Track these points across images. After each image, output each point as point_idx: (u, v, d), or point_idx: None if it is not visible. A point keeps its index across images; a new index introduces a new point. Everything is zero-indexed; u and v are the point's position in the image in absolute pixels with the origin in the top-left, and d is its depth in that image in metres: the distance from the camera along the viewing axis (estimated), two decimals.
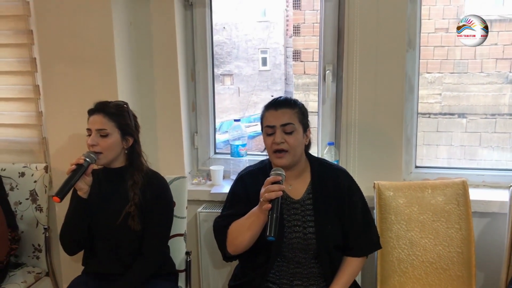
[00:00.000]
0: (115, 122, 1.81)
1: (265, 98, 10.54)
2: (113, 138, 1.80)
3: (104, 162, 1.82)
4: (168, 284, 1.94)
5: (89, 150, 1.78)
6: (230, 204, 1.77)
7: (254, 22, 10.98)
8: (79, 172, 1.70)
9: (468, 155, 4.38)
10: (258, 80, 11.27)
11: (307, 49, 7.77)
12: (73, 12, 2.11)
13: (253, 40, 11.06)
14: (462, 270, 1.94)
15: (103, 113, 1.80)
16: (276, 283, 1.72)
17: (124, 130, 1.83)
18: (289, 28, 11.52)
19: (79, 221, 1.81)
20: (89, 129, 1.81)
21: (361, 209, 1.76)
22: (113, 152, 1.82)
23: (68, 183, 1.68)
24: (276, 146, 1.66)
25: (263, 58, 11.77)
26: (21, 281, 2.17)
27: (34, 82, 2.36)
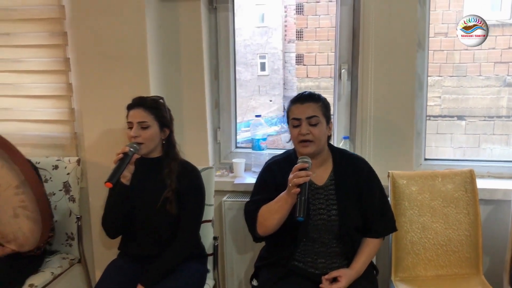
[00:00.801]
0: (153, 115, 1.97)
1: (264, 102, 10.72)
2: (153, 130, 1.97)
3: (145, 152, 1.98)
4: (199, 266, 2.10)
5: (131, 142, 1.93)
6: (259, 190, 1.93)
7: (252, 27, 11.14)
8: (126, 160, 1.85)
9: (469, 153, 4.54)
10: (257, 85, 11.44)
11: (310, 53, 7.96)
12: (108, 16, 2.27)
13: (252, 45, 11.22)
14: (470, 252, 2.11)
15: (143, 107, 1.96)
16: (301, 261, 1.88)
17: (161, 122, 1.99)
18: (288, 33, 11.70)
19: (121, 206, 1.96)
20: (130, 122, 1.97)
21: (378, 194, 1.92)
22: (153, 142, 1.98)
23: (118, 170, 1.83)
24: (302, 137, 1.82)
25: (261, 63, 11.95)
26: (57, 266, 2.31)
27: (67, 80, 2.51)
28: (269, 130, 2.57)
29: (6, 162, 1.92)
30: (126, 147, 1.89)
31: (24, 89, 2.57)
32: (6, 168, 1.93)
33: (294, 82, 10.98)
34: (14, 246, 2.06)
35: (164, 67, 2.43)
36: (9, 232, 2.05)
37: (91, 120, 2.42)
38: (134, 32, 2.26)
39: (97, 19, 2.29)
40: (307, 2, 7.55)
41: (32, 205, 1.96)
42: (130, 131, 1.96)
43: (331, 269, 1.84)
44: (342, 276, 1.79)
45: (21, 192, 1.95)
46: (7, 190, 1.97)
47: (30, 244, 2.05)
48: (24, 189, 1.93)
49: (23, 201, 1.96)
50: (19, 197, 1.96)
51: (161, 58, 2.41)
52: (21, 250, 2.07)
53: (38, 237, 2.03)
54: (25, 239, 2.04)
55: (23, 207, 1.98)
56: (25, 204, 1.97)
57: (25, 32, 2.50)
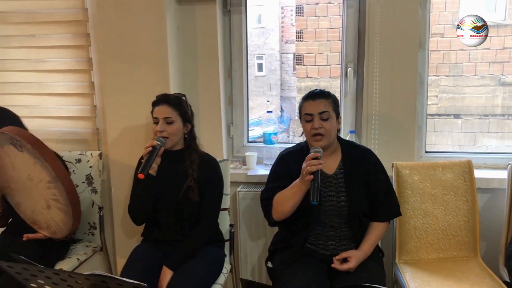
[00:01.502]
0: (177, 111, 2.13)
1: (261, 103, 10.83)
2: (177, 125, 2.13)
3: (170, 145, 2.13)
4: (218, 250, 2.26)
5: (158, 136, 2.08)
6: (274, 179, 2.09)
7: (249, 28, 11.27)
8: (154, 153, 2.01)
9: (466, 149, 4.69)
10: (254, 86, 11.56)
11: (309, 54, 8.11)
12: (130, 18, 2.43)
13: (249, 46, 11.35)
14: (468, 236, 2.28)
15: (167, 103, 2.12)
16: (313, 244, 2.05)
17: (184, 117, 2.16)
18: (285, 34, 11.84)
19: (148, 195, 2.12)
20: (155, 118, 2.12)
21: (384, 181, 2.09)
22: (177, 136, 2.15)
23: (149, 162, 1.98)
24: (314, 131, 1.98)
25: (259, 64, 12.06)
26: (82, 253, 2.45)
27: (90, 79, 2.68)
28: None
29: (38, 160, 2.06)
30: (154, 140, 2.04)
31: (48, 87, 2.73)
32: (39, 165, 2.06)
33: (292, 83, 11.12)
34: (47, 233, 2.21)
35: (182, 66, 2.59)
36: (42, 221, 2.20)
37: (112, 116, 2.58)
38: (155, 34, 2.42)
39: (119, 21, 2.44)
40: (307, 3, 7.71)
41: (63, 199, 2.10)
42: (156, 126, 2.11)
43: (341, 251, 2.00)
44: (351, 257, 1.96)
45: (53, 186, 2.09)
46: (39, 184, 2.10)
47: (62, 232, 2.20)
48: (55, 184, 2.07)
49: (55, 194, 2.10)
50: (51, 191, 2.10)
51: (180, 57, 2.57)
52: (53, 237, 2.22)
53: (70, 226, 2.18)
54: (57, 227, 2.19)
55: (55, 200, 2.12)
56: (57, 198, 2.10)
57: (50, 33, 2.66)
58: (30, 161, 2.02)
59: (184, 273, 2.02)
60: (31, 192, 2.11)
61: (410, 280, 2.09)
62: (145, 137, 2.51)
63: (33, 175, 2.06)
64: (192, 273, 2.03)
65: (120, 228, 2.67)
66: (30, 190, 2.11)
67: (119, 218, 2.65)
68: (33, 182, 2.08)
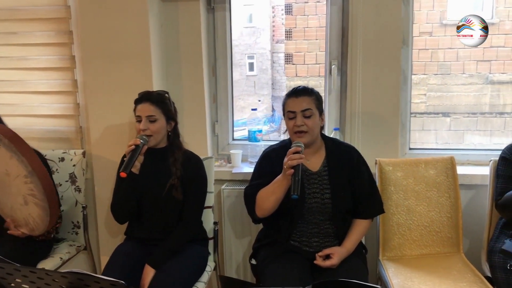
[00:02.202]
0: (160, 109, 2.11)
1: (252, 102, 10.83)
2: (160, 123, 2.11)
3: (153, 143, 2.12)
4: (202, 248, 2.25)
5: (140, 134, 2.07)
6: (258, 176, 2.09)
7: (240, 27, 11.24)
8: (137, 151, 1.99)
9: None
10: (245, 85, 11.54)
11: (299, 53, 8.11)
12: (112, 15, 2.41)
13: (240, 45, 11.32)
14: (451, 232, 2.29)
15: (150, 101, 2.10)
16: (297, 241, 2.05)
17: (168, 115, 2.14)
18: (276, 34, 11.83)
19: (131, 194, 2.10)
20: (138, 116, 2.10)
21: (367, 179, 2.10)
22: (161, 134, 2.13)
23: (131, 161, 1.96)
24: (297, 128, 1.98)
25: (250, 63, 12.03)
26: (65, 252, 2.43)
27: (73, 77, 2.66)
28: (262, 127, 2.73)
29: (15, 154, 2.03)
30: (137, 139, 2.02)
31: (31, 85, 2.70)
32: (15, 159, 2.04)
33: (283, 82, 11.13)
34: (25, 230, 2.18)
35: (165, 64, 2.57)
36: (20, 218, 2.17)
37: (95, 115, 2.56)
38: (138, 31, 2.41)
39: (102, 18, 2.43)
40: (296, 2, 7.72)
41: (40, 193, 2.08)
42: (139, 124, 2.10)
43: (324, 248, 2.00)
44: (334, 253, 1.96)
45: (29, 181, 2.07)
46: (16, 179, 2.08)
47: (40, 229, 2.18)
48: (32, 178, 2.05)
49: (31, 189, 2.08)
50: (28, 185, 2.08)
51: (163, 55, 2.55)
52: (32, 234, 2.20)
53: (47, 222, 2.16)
54: (35, 224, 2.17)
55: (32, 195, 2.10)
56: (34, 193, 2.08)
57: (32, 31, 2.64)
58: (6, 156, 2.00)
59: (167, 271, 2.02)
60: (9, 188, 2.09)
61: (393, 277, 2.10)
62: (129, 135, 2.50)
63: (10, 170, 2.04)
64: (175, 271, 2.02)
65: (104, 227, 2.66)
66: (8, 186, 2.09)
67: (103, 216, 2.64)
68: (10, 177, 2.06)
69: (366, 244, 2.26)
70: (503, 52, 4.22)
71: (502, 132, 4.22)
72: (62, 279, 1.46)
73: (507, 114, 4.32)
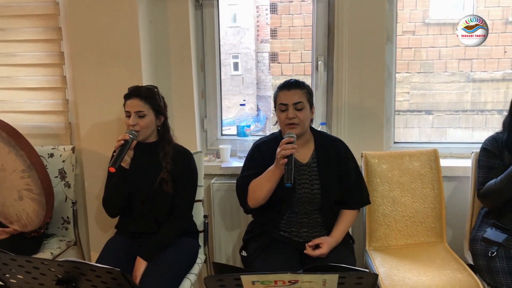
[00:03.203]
0: (149, 104, 2.13)
1: (237, 102, 10.88)
2: (149, 118, 2.14)
3: (142, 138, 2.14)
4: (192, 241, 2.28)
5: (130, 129, 2.09)
6: (249, 167, 2.14)
7: (225, 27, 11.24)
8: (126, 146, 2.01)
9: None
10: (230, 85, 11.56)
11: (284, 51, 8.17)
12: (101, 11, 2.43)
13: (225, 45, 11.32)
14: (435, 222, 2.36)
15: (139, 97, 2.13)
16: (286, 231, 2.10)
17: (157, 110, 2.17)
18: (260, 33, 11.87)
19: (121, 188, 2.12)
20: (128, 111, 2.12)
21: (354, 171, 2.16)
22: (150, 129, 2.16)
23: (120, 156, 1.98)
24: (289, 120, 2.03)
25: (234, 63, 12.06)
26: (56, 247, 2.45)
27: (62, 73, 2.66)
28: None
29: (13, 149, 2.05)
30: (126, 134, 2.04)
31: (19, 82, 2.71)
32: (13, 154, 2.06)
33: (267, 82, 11.18)
34: (17, 226, 2.19)
35: (154, 60, 2.60)
36: (13, 214, 2.19)
37: (85, 110, 2.57)
38: (127, 27, 2.43)
39: (91, 14, 2.44)
40: (281, 1, 7.78)
41: (37, 188, 2.10)
42: (128, 119, 2.12)
43: (313, 238, 2.06)
44: (324, 243, 2.01)
45: (26, 175, 2.09)
46: (12, 174, 2.11)
47: (33, 224, 2.19)
48: (30, 173, 2.07)
49: (28, 184, 2.10)
50: (24, 180, 2.10)
51: (152, 51, 2.58)
52: (24, 230, 2.21)
53: (42, 218, 2.17)
54: (29, 219, 2.18)
55: (28, 190, 2.12)
56: (30, 187, 2.10)
57: (20, 27, 2.64)
58: (4, 150, 2.02)
59: (158, 263, 2.04)
60: (4, 183, 2.11)
61: (379, 266, 2.15)
62: (118, 131, 2.52)
63: (6, 165, 2.06)
64: (166, 263, 2.05)
65: (94, 222, 2.67)
66: (3, 181, 2.10)
67: (93, 212, 2.65)
68: (6, 172, 2.07)
69: (353, 234, 2.32)
70: (483, 51, 4.31)
71: (483, 129, 4.31)
72: (58, 268, 1.49)
73: (488, 111, 4.41)
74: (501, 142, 2.10)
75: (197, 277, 2.22)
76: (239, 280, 1.39)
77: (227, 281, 1.40)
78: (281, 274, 1.38)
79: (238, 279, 1.38)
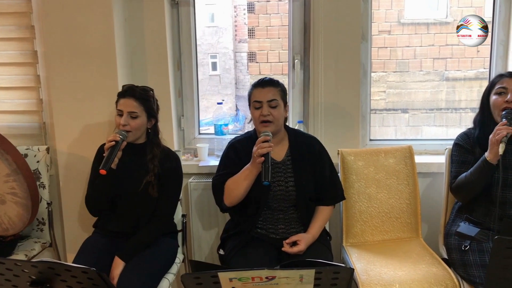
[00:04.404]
0: (143, 106, 2.11)
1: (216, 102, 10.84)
2: (141, 120, 2.11)
3: (132, 139, 2.11)
4: (171, 241, 2.28)
5: (120, 129, 2.06)
6: (225, 165, 2.14)
7: (202, 27, 11.21)
8: (117, 147, 1.98)
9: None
10: (208, 85, 11.52)
11: (262, 51, 8.18)
12: (75, 9, 2.40)
13: (202, 45, 11.28)
14: (410, 218, 2.40)
15: (134, 97, 2.09)
16: (264, 229, 2.11)
17: (149, 112, 2.14)
18: (238, 33, 11.87)
19: (107, 188, 2.09)
20: (120, 110, 2.09)
21: (329, 168, 2.18)
22: (140, 131, 2.14)
23: (110, 157, 1.95)
24: (263, 118, 2.04)
25: (213, 63, 12.01)
26: (30, 249, 2.41)
27: (36, 72, 2.62)
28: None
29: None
30: (116, 135, 2.01)
31: None
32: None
33: (246, 82, 11.18)
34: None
35: (130, 58, 2.58)
36: None
37: (59, 110, 2.53)
38: (102, 25, 2.40)
39: (64, 12, 2.41)
40: (258, 1, 7.78)
41: (22, 191, 2.06)
42: (119, 118, 2.08)
43: (290, 234, 2.07)
44: (301, 240, 2.03)
45: (12, 180, 2.04)
46: None
47: (16, 228, 2.16)
48: (15, 177, 2.03)
49: (13, 188, 2.06)
50: (9, 184, 2.05)
51: (128, 49, 2.56)
52: (4, 234, 2.17)
53: (26, 221, 2.14)
54: (11, 223, 2.14)
55: (12, 194, 2.08)
56: (15, 191, 2.06)
57: None
58: None
59: (136, 263, 2.03)
60: None
61: (356, 261, 2.18)
62: (94, 130, 2.49)
63: None
64: (144, 263, 2.04)
65: (70, 223, 2.63)
66: None
67: (69, 213, 2.61)
68: None
69: (330, 231, 2.34)
70: (457, 50, 4.39)
71: (457, 127, 4.39)
72: (32, 269, 1.46)
73: (462, 110, 4.48)
74: (473, 137, 2.15)
75: (175, 277, 2.21)
76: (216, 278, 1.39)
77: (204, 278, 1.40)
78: (258, 271, 1.38)
79: (215, 277, 1.38)
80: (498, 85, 2.09)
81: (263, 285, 1.41)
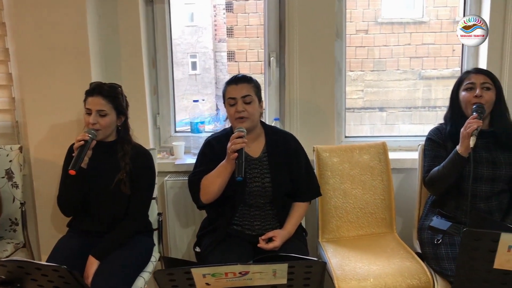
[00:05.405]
0: (112, 103, 2.08)
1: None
2: (110, 117, 2.09)
3: (101, 138, 2.09)
4: (147, 240, 2.26)
5: (89, 128, 2.04)
6: (201, 163, 2.14)
7: (182, 26, 11.15)
8: (86, 147, 1.96)
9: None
10: (188, 84, 11.47)
11: (241, 50, 8.18)
12: (48, 5, 2.37)
13: (182, 44, 11.22)
14: (385, 213, 2.43)
15: (101, 95, 2.07)
16: (239, 225, 2.11)
17: (118, 110, 2.12)
18: (218, 33, 11.84)
19: (78, 188, 2.07)
20: (88, 109, 2.07)
21: (304, 164, 2.20)
22: (110, 129, 2.11)
23: (79, 157, 1.93)
24: (238, 114, 2.05)
25: (192, 63, 11.96)
26: (3, 250, 2.37)
27: (7, 70, 2.58)
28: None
29: None
30: (85, 134, 1.99)
31: None
32: None
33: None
34: None
35: (104, 56, 2.55)
36: None
37: (32, 109, 2.50)
38: (75, 22, 2.38)
39: (36, 9, 2.37)
40: (236, 0, 7.79)
41: None
42: (88, 116, 2.06)
43: (266, 231, 2.08)
44: (277, 236, 2.04)
45: None
46: None
47: None
48: None
49: None
50: None
51: (101, 47, 2.53)
52: None
53: None
54: None
55: None
56: None
57: None
58: None
59: (111, 262, 2.01)
60: None
61: (332, 257, 2.20)
62: (68, 129, 2.45)
63: None
64: (119, 262, 2.02)
65: (44, 223, 2.59)
66: None
67: (43, 213, 2.58)
68: None
69: (307, 227, 2.35)
70: (433, 49, 4.46)
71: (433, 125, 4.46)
72: (1, 269, 1.44)
73: (438, 108, 4.56)
74: (444, 132, 2.19)
75: (151, 275, 2.19)
76: (189, 274, 1.38)
77: (177, 275, 1.39)
78: (231, 266, 1.39)
79: (188, 273, 1.38)
80: (466, 81, 2.13)
81: (237, 280, 1.41)
